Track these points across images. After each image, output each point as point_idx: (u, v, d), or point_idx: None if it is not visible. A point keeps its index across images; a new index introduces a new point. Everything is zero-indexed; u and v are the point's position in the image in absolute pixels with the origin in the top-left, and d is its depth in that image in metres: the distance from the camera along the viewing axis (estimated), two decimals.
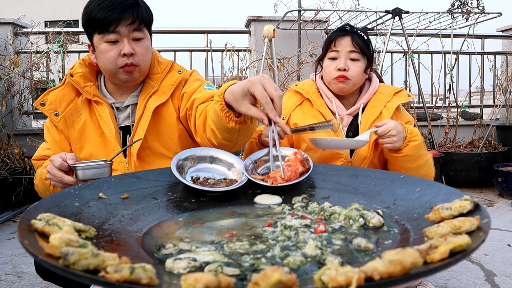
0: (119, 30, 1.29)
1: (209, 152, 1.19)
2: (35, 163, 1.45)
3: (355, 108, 1.64)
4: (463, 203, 0.71)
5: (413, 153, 1.44)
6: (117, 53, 1.31)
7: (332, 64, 1.61)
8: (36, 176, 1.40)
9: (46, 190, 1.33)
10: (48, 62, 3.78)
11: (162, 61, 1.46)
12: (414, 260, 0.49)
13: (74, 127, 1.41)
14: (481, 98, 4.70)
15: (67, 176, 1.20)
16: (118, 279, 0.48)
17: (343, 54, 1.59)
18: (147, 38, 1.37)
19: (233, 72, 3.90)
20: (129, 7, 1.29)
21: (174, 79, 1.43)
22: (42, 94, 1.41)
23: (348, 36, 1.59)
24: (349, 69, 1.58)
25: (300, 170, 1.07)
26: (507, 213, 3.03)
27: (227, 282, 0.49)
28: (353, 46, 1.58)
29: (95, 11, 1.28)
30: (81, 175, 1.17)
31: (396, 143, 1.41)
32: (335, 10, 3.79)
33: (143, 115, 1.38)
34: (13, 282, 1.92)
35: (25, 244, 0.56)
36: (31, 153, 3.52)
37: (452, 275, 1.93)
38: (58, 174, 1.19)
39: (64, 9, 16.07)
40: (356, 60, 1.59)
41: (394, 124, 1.42)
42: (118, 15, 1.27)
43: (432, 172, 1.57)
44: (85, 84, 1.39)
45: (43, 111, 1.39)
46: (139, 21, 1.31)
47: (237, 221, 0.90)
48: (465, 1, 3.72)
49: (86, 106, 1.41)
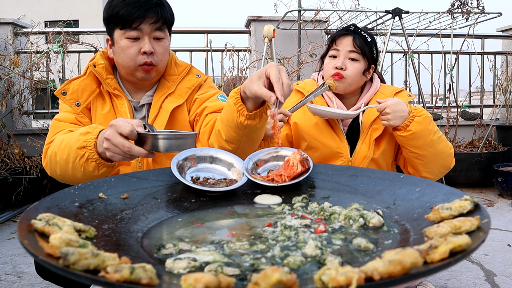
0: (141, 27, 1.29)
1: (209, 152, 1.19)
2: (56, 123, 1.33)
3: (356, 108, 1.65)
4: (463, 203, 0.71)
5: (422, 128, 1.43)
6: (137, 50, 1.31)
7: (331, 62, 1.63)
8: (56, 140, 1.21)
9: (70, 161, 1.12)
10: (48, 62, 3.78)
11: (179, 63, 1.47)
12: (414, 260, 0.49)
13: (97, 111, 1.36)
14: (481, 98, 4.70)
15: (137, 147, 1.02)
16: (118, 279, 0.48)
17: (343, 53, 1.60)
18: (167, 38, 1.38)
19: (233, 72, 3.90)
20: (154, 6, 1.30)
21: (192, 83, 1.44)
22: (64, 83, 1.38)
23: (349, 36, 1.60)
24: (346, 68, 1.59)
25: (300, 170, 1.07)
26: (507, 213, 3.03)
27: (227, 282, 0.49)
28: (353, 46, 1.59)
29: (119, 6, 1.28)
30: (162, 146, 0.98)
31: (391, 121, 1.44)
32: (335, 10, 3.79)
33: (159, 115, 1.39)
34: (13, 282, 1.92)
35: (25, 244, 0.56)
36: (31, 153, 3.53)
37: (452, 275, 1.93)
38: (126, 143, 1.00)
39: (64, 9, 16.07)
40: (355, 60, 1.60)
41: (392, 102, 1.44)
42: (142, 13, 1.28)
43: (450, 148, 1.53)
44: (107, 76, 1.38)
45: (64, 100, 1.34)
46: (162, 21, 1.32)
47: (237, 221, 0.90)
48: (465, 1, 3.72)
49: (108, 97, 1.40)
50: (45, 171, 1.32)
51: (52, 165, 1.23)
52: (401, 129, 1.46)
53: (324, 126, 1.64)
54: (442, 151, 1.49)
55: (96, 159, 1.10)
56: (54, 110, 4.05)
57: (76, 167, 1.13)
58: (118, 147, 1.02)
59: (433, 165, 1.51)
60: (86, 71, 1.39)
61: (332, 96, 1.67)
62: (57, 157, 1.18)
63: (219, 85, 3.90)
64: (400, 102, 1.45)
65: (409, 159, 1.54)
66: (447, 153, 1.52)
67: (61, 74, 3.85)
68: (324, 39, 4.06)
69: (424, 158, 1.49)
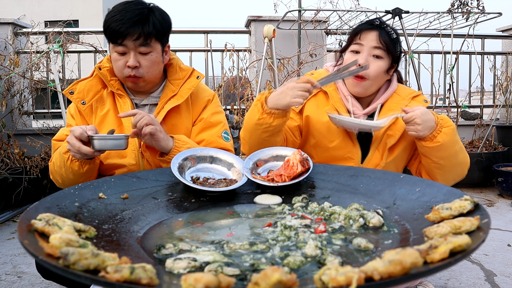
0: (125, 43, 1.36)
1: (209, 152, 1.19)
2: (54, 143, 1.48)
3: (372, 109, 1.53)
4: (463, 203, 0.71)
5: (448, 139, 1.36)
6: (123, 63, 1.39)
7: (353, 57, 1.48)
8: (53, 154, 1.42)
9: (62, 166, 1.34)
10: (48, 62, 3.77)
11: (183, 67, 1.56)
12: (414, 260, 0.49)
13: (97, 113, 1.48)
14: (481, 98, 4.70)
15: (85, 146, 1.21)
16: (118, 279, 0.48)
17: (366, 49, 1.46)
18: (156, 50, 1.41)
19: (233, 72, 3.89)
20: (136, 23, 1.34)
21: (192, 84, 1.52)
22: (72, 83, 1.50)
23: (375, 30, 1.46)
24: (369, 66, 1.44)
25: (300, 170, 1.07)
26: (507, 213, 3.03)
27: (227, 282, 0.49)
28: (378, 42, 1.45)
29: (109, 22, 1.36)
30: (97, 145, 1.17)
31: (420, 132, 1.34)
32: (335, 10, 3.79)
33: (160, 114, 1.45)
34: (13, 282, 1.92)
35: (25, 244, 0.56)
36: (31, 153, 3.52)
37: (452, 275, 1.93)
38: (76, 143, 1.20)
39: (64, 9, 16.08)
40: (379, 57, 1.46)
41: (421, 112, 1.34)
42: (124, 30, 1.33)
43: (468, 158, 1.47)
44: (111, 78, 1.49)
45: (72, 99, 1.47)
46: (144, 37, 1.35)
47: (237, 221, 0.90)
48: (465, 1, 3.72)
49: (111, 98, 1.49)
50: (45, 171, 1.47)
51: (54, 175, 1.41)
52: (427, 139, 1.37)
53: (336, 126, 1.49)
54: (462, 161, 1.44)
55: (78, 159, 1.27)
56: (54, 110, 4.05)
57: (67, 169, 1.32)
58: (74, 147, 1.21)
59: (451, 174, 1.46)
60: (93, 73, 1.52)
61: (347, 94, 1.54)
62: (55, 166, 1.38)
63: (219, 85, 3.90)
64: (428, 111, 1.36)
65: (429, 168, 1.46)
66: (466, 163, 1.46)
67: (61, 74, 3.84)
68: (324, 39, 4.06)
69: (445, 168, 1.43)
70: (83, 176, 1.32)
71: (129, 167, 1.42)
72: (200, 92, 1.56)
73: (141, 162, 1.43)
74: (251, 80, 4.03)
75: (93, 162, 1.32)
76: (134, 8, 1.36)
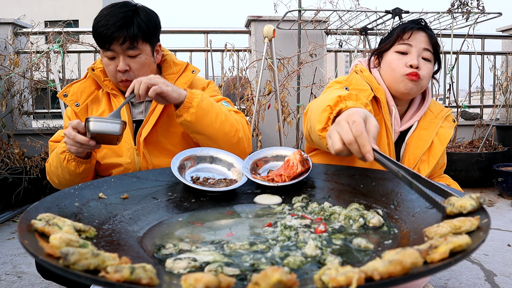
0: (113, 48, 1.36)
1: (209, 152, 1.19)
2: (51, 144, 1.48)
3: (408, 126, 1.42)
4: (470, 200, 0.69)
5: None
6: (114, 68, 1.40)
7: (402, 58, 1.36)
8: (50, 155, 1.43)
9: (59, 166, 1.33)
10: (48, 62, 3.78)
11: (177, 62, 1.55)
12: (414, 260, 0.49)
13: (93, 113, 1.49)
14: (481, 98, 4.70)
15: (80, 135, 1.20)
16: (118, 279, 0.48)
17: (416, 50, 1.35)
18: (144, 52, 1.40)
19: (233, 72, 3.89)
20: (121, 26, 1.33)
21: (187, 78, 1.51)
22: (66, 86, 1.51)
23: (423, 31, 1.37)
24: (421, 69, 1.34)
25: (300, 170, 1.07)
26: (507, 213, 3.03)
27: (227, 282, 0.49)
28: (429, 44, 1.36)
29: (96, 27, 1.36)
30: (92, 127, 1.16)
31: None
32: (335, 10, 3.79)
33: (156, 109, 1.45)
34: (13, 282, 1.92)
35: (25, 244, 0.56)
36: (31, 153, 3.52)
37: (452, 275, 1.93)
38: (72, 132, 1.20)
39: (64, 9, 16.09)
40: (428, 60, 1.36)
41: None
42: (110, 35, 1.33)
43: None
44: (105, 79, 1.48)
45: (65, 101, 1.48)
46: (130, 41, 1.34)
47: (237, 221, 0.90)
48: (465, 1, 3.72)
49: (106, 98, 1.50)
50: (45, 171, 1.48)
51: (50, 175, 1.42)
52: None
53: None
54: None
55: (74, 159, 1.28)
56: (54, 110, 4.05)
57: (64, 170, 1.31)
58: (69, 136, 1.20)
59: None
60: (86, 75, 1.52)
61: (393, 104, 1.40)
62: (51, 166, 1.38)
63: (219, 85, 3.90)
64: None
65: None
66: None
67: (61, 74, 3.84)
68: (324, 39, 4.06)
69: None
70: (79, 177, 1.33)
71: (126, 166, 1.42)
72: (195, 82, 1.56)
73: (136, 160, 1.43)
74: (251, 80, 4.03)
75: (89, 162, 1.32)
76: (119, 11, 1.35)
